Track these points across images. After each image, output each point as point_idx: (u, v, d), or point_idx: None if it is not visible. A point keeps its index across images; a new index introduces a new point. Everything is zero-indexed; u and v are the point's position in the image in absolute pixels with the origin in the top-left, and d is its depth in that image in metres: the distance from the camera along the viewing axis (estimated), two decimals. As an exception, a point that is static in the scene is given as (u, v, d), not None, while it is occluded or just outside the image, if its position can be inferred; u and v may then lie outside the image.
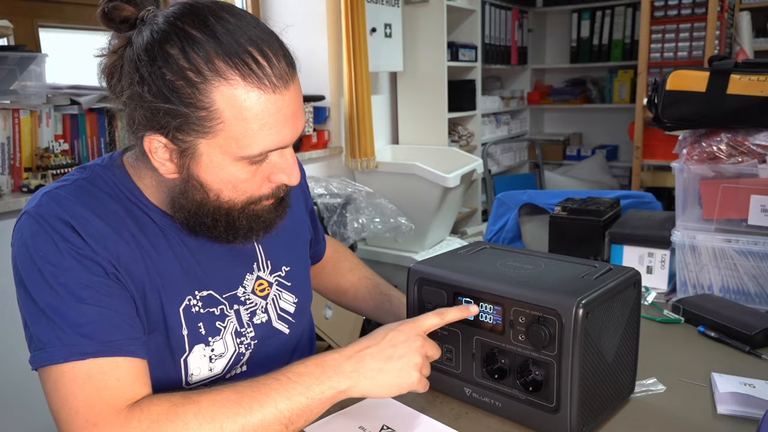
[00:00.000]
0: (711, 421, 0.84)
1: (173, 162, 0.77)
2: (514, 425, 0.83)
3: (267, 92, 0.73)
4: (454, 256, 0.95)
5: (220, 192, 0.79)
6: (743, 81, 1.19)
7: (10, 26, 1.70)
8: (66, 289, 0.73)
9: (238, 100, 0.72)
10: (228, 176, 0.77)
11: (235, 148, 0.74)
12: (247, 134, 0.74)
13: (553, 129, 4.77)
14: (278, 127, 0.75)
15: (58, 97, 1.89)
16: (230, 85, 0.71)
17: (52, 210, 0.77)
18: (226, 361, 0.87)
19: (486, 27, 3.66)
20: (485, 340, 0.84)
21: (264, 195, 0.82)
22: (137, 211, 0.83)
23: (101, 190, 0.81)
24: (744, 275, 1.22)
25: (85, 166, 0.85)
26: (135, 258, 0.79)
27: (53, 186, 0.81)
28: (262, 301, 0.93)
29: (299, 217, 1.05)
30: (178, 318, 0.83)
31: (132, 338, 0.76)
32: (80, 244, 0.75)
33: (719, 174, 1.23)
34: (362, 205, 2.58)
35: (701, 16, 3.17)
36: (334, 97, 2.91)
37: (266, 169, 0.80)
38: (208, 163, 0.76)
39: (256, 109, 0.73)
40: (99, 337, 0.73)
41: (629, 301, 0.84)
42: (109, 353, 0.73)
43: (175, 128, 0.73)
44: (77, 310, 0.73)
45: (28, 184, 1.78)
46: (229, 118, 0.73)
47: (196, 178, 0.77)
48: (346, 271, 1.19)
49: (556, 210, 1.48)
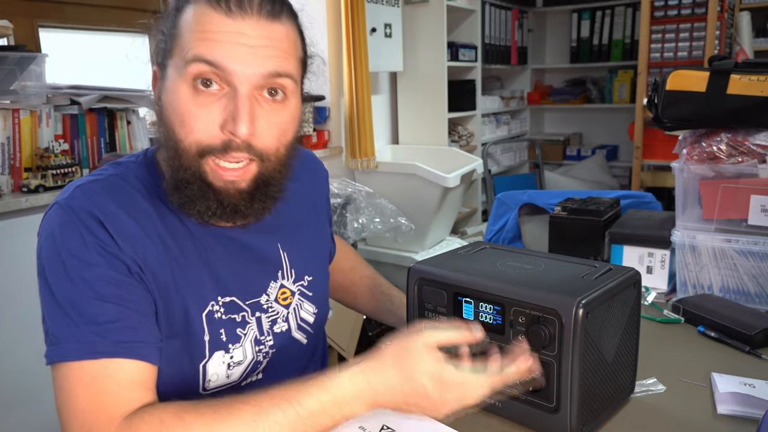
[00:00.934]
0: (711, 421, 0.84)
1: (156, 91, 0.82)
2: (514, 425, 0.83)
3: (218, 11, 0.74)
4: (454, 256, 0.95)
5: (174, 124, 0.76)
6: (743, 81, 1.19)
7: (10, 26, 1.70)
8: (87, 284, 0.73)
9: (193, 15, 0.76)
10: (175, 100, 0.76)
11: (179, 58, 0.76)
12: (187, 39, 0.76)
13: (553, 129, 4.77)
14: (217, 43, 0.74)
15: (58, 97, 1.89)
16: (196, 4, 0.76)
17: (82, 203, 0.76)
18: (243, 368, 0.87)
19: (486, 27, 3.66)
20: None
21: (214, 146, 0.75)
22: (167, 212, 0.82)
23: (133, 188, 0.81)
24: (744, 275, 1.22)
25: (120, 162, 0.85)
26: (161, 260, 0.79)
27: (87, 179, 0.81)
28: (284, 310, 0.92)
29: (323, 227, 1.05)
30: (200, 323, 0.82)
31: (146, 341, 0.75)
32: (107, 240, 0.75)
33: (719, 174, 1.23)
34: (362, 205, 2.58)
35: (701, 16, 3.17)
36: (334, 97, 2.91)
37: (215, 109, 0.75)
38: (168, 84, 0.77)
39: (201, 22, 0.75)
40: (113, 337, 0.72)
41: (629, 301, 0.84)
42: (120, 354, 0.72)
43: (162, 54, 0.79)
44: (96, 307, 0.73)
45: (28, 184, 1.77)
46: (182, 28, 0.76)
47: (162, 103, 0.79)
48: (348, 270, 1.19)
49: (556, 210, 1.48)
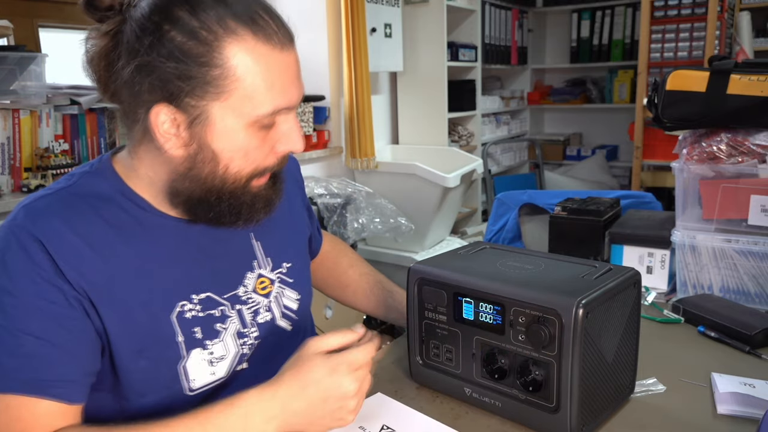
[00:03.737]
0: (711, 421, 0.84)
1: (180, 136, 0.74)
2: (514, 425, 0.83)
3: (276, 49, 0.74)
4: (454, 256, 0.95)
5: (231, 161, 0.77)
6: (743, 81, 1.19)
7: (10, 26, 1.70)
8: (14, 314, 0.70)
9: (251, 54, 0.72)
10: (240, 142, 0.76)
11: (248, 108, 0.74)
12: (260, 91, 0.73)
13: (553, 129, 4.77)
14: (286, 85, 0.76)
15: (58, 97, 1.89)
16: (243, 41, 0.72)
17: (24, 225, 0.73)
18: (228, 363, 0.86)
19: (486, 27, 3.66)
20: (485, 340, 0.84)
21: (268, 167, 0.81)
22: (126, 218, 0.79)
23: (84, 201, 0.77)
24: (744, 275, 1.22)
25: (72, 174, 0.82)
26: (114, 274, 0.76)
27: (34, 197, 0.77)
28: (265, 300, 0.92)
29: (297, 211, 1.05)
30: (170, 326, 0.80)
31: (65, 380, 0.72)
32: (47, 265, 0.72)
33: (719, 174, 1.23)
34: (362, 205, 2.57)
35: (701, 16, 3.17)
36: (334, 97, 2.91)
37: (274, 137, 0.79)
38: (221, 128, 0.74)
39: (268, 65, 0.73)
40: (27, 374, 0.70)
41: (629, 301, 0.84)
42: (30, 392, 0.69)
43: (187, 93, 0.71)
44: (17, 339, 0.70)
45: (28, 184, 1.78)
46: (242, 74, 0.72)
47: (208, 146, 0.75)
48: (347, 267, 1.19)
49: (556, 210, 1.48)
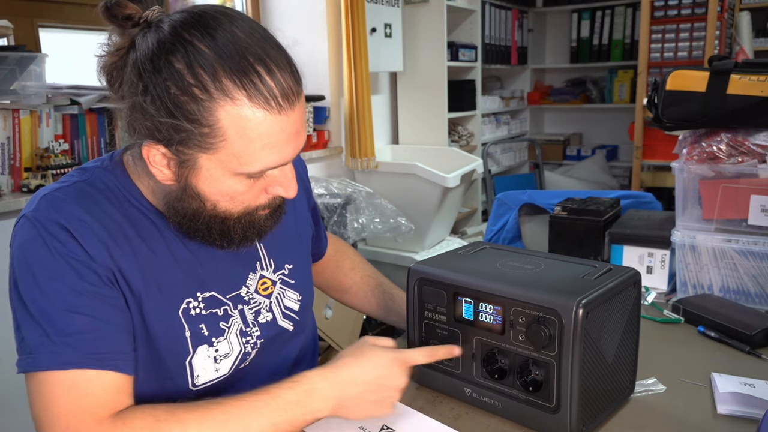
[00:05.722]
0: (711, 421, 0.84)
1: (171, 170, 0.76)
2: (514, 425, 0.83)
3: (272, 113, 0.72)
4: (454, 256, 0.95)
5: (217, 203, 0.78)
6: (743, 81, 1.19)
7: (10, 26, 1.70)
8: (58, 296, 0.73)
9: (243, 120, 0.71)
10: (226, 189, 0.77)
11: (235, 165, 0.74)
12: (249, 153, 0.73)
13: (553, 129, 4.77)
14: (280, 146, 0.75)
15: (58, 97, 1.89)
16: (236, 104, 0.70)
17: (48, 214, 0.76)
18: (231, 361, 0.87)
19: (486, 27, 3.66)
20: (485, 340, 0.84)
21: (260, 205, 0.82)
22: (136, 213, 0.82)
23: (100, 193, 0.80)
24: (744, 275, 1.22)
25: (85, 168, 0.84)
26: (131, 265, 0.79)
27: (51, 188, 0.80)
28: (266, 300, 0.93)
29: (301, 214, 1.05)
30: (179, 321, 0.82)
31: (119, 351, 0.75)
32: (76, 249, 0.75)
33: (719, 174, 1.23)
34: (362, 205, 2.57)
35: (701, 16, 3.17)
36: (334, 97, 2.91)
37: (264, 182, 0.80)
38: (207, 176, 0.75)
39: (260, 130, 0.72)
40: (85, 348, 0.73)
41: (629, 301, 0.84)
42: (92, 365, 0.73)
43: (178, 141, 0.72)
44: (66, 319, 0.73)
45: (28, 184, 1.77)
46: (232, 136, 0.71)
47: (193, 188, 0.77)
48: (349, 269, 1.20)
49: (556, 210, 1.48)
